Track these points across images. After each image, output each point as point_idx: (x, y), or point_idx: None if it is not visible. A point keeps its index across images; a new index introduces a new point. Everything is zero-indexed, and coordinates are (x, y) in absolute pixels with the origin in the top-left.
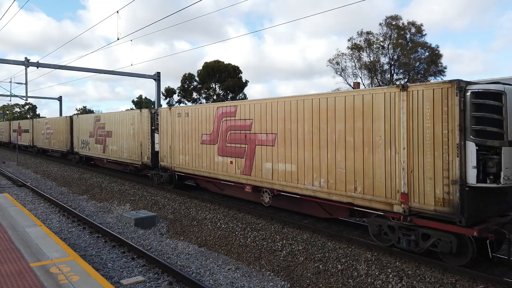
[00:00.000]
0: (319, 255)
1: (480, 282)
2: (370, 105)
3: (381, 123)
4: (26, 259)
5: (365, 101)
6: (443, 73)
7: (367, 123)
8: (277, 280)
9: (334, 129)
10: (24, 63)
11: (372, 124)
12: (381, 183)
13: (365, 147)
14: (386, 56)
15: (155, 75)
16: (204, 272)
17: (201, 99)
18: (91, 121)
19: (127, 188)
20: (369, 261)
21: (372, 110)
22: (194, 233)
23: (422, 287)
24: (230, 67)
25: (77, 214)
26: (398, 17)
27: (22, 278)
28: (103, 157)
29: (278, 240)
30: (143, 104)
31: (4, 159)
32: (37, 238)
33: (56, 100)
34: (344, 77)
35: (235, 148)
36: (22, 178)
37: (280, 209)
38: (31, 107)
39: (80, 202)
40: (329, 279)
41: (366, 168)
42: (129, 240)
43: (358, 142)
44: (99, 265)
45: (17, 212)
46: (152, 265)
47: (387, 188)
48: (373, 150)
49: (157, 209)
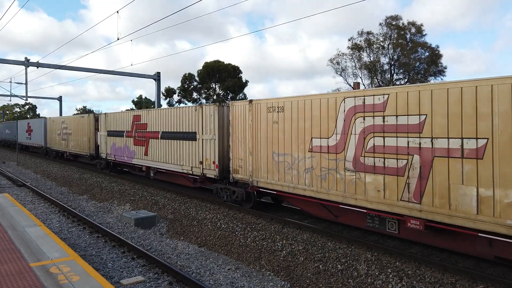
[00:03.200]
0: (319, 255)
1: (480, 282)
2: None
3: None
4: (26, 259)
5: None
6: (443, 73)
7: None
8: (277, 280)
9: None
10: (24, 63)
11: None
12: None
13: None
14: (386, 56)
15: (155, 75)
16: (204, 272)
17: (201, 99)
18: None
19: (127, 188)
20: (369, 261)
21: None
22: (194, 233)
23: (422, 287)
24: (230, 67)
25: (77, 214)
26: (398, 17)
27: (22, 278)
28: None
29: (278, 240)
30: (143, 104)
31: (4, 159)
32: (37, 238)
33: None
34: (344, 77)
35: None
36: (22, 178)
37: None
38: (31, 107)
39: (80, 202)
40: (329, 279)
41: None
42: (129, 240)
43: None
44: (99, 265)
45: (17, 212)
46: (152, 265)
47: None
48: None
49: (157, 209)
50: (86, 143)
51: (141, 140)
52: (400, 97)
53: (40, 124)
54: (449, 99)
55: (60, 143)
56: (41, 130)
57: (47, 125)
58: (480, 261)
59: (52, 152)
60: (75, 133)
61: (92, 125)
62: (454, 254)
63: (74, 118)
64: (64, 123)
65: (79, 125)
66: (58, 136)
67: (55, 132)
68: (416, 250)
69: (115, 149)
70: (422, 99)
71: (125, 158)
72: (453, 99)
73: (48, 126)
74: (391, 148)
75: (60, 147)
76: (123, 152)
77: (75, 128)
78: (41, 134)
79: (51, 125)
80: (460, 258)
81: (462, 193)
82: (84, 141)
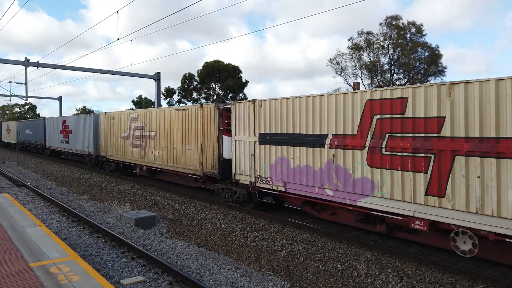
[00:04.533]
0: (319, 255)
1: (480, 282)
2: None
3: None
4: (26, 259)
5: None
6: (443, 73)
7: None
8: (277, 280)
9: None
10: (24, 63)
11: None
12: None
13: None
14: (386, 56)
15: (155, 75)
16: (204, 272)
17: (201, 99)
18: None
19: (127, 188)
20: (369, 261)
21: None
22: (194, 233)
23: (422, 287)
24: (230, 67)
25: (77, 214)
26: (398, 17)
27: (22, 278)
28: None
29: (278, 240)
30: (143, 104)
31: (4, 159)
32: (37, 238)
33: (56, 100)
34: (344, 77)
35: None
36: (22, 178)
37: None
38: (31, 107)
39: (80, 202)
40: (329, 279)
41: None
42: (129, 240)
43: None
44: (99, 265)
45: (17, 212)
46: (152, 265)
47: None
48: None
49: (157, 209)
50: (196, 154)
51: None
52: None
53: (87, 121)
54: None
55: (127, 152)
56: (89, 130)
57: (99, 124)
58: (480, 261)
59: (110, 164)
60: (166, 136)
61: (214, 123)
62: (454, 254)
63: (165, 112)
64: (137, 120)
65: (177, 123)
66: (123, 141)
67: (117, 134)
68: (416, 250)
69: (285, 170)
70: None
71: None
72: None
73: (102, 125)
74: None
75: (129, 158)
76: (318, 178)
77: (167, 128)
78: (89, 136)
79: (107, 124)
80: (460, 258)
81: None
82: (190, 152)
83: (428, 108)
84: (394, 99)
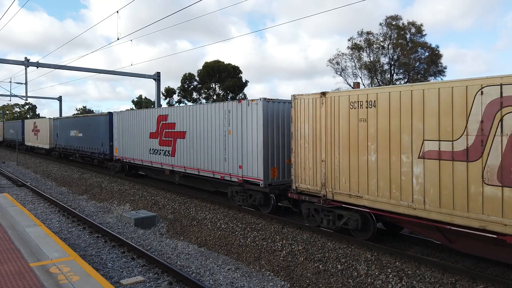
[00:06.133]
0: (319, 255)
1: (480, 282)
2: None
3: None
4: (26, 259)
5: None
6: (443, 73)
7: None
8: (277, 280)
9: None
10: (24, 63)
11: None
12: None
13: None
14: (386, 56)
15: (155, 75)
16: (204, 272)
17: (201, 99)
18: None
19: (127, 188)
20: (369, 261)
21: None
22: (194, 233)
23: (422, 287)
24: (230, 67)
25: (77, 214)
26: (398, 17)
27: (22, 278)
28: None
29: (278, 240)
30: (143, 104)
31: (4, 159)
32: (37, 238)
33: (56, 100)
34: (344, 77)
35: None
36: (22, 178)
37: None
38: (31, 107)
39: (80, 202)
40: (329, 279)
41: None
42: (129, 240)
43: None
44: (99, 265)
45: (17, 212)
46: (152, 265)
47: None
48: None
49: (157, 209)
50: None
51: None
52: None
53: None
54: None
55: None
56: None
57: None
58: (480, 261)
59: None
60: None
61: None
62: (454, 254)
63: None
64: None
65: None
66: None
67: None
68: (416, 250)
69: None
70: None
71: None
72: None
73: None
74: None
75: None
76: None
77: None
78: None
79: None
80: (460, 258)
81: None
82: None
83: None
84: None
